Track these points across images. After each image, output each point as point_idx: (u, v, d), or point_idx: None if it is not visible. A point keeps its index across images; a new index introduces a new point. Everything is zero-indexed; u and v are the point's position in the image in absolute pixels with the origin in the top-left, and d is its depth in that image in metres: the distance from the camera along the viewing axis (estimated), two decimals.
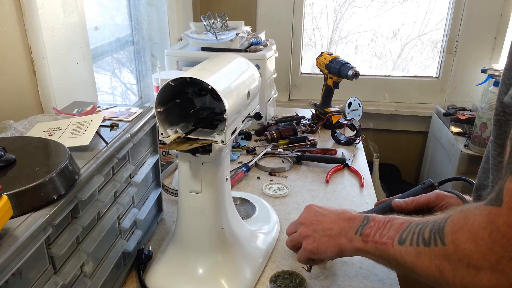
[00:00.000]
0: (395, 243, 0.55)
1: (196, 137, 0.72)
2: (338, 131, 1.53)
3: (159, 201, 1.01)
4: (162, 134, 0.72)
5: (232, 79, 0.76)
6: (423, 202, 0.77)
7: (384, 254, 0.57)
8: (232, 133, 0.75)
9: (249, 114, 0.84)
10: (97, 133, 0.75)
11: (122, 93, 1.78)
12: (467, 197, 0.76)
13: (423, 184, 0.82)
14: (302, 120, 1.65)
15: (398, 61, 2.33)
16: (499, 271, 0.40)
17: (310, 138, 1.48)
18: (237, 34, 1.48)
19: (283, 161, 1.37)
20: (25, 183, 0.53)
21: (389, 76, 2.28)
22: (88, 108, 0.90)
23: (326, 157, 1.36)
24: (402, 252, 0.53)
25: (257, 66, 1.14)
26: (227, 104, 0.67)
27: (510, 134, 0.44)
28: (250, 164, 1.30)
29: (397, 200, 0.78)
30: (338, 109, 1.65)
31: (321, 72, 1.67)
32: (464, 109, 2.00)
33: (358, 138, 1.51)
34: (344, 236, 0.66)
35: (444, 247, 0.46)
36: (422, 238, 0.50)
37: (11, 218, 0.48)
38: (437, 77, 2.23)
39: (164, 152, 1.25)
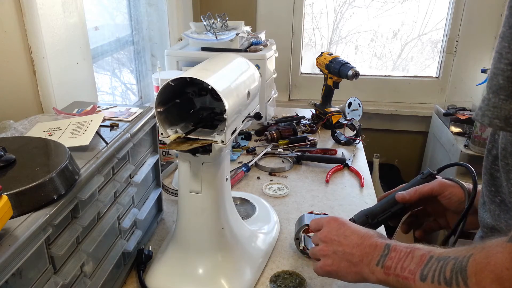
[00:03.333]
0: (416, 278, 0.53)
1: (196, 137, 0.72)
2: (338, 131, 1.53)
3: (159, 201, 1.01)
4: (162, 134, 0.72)
5: (232, 79, 0.76)
6: (426, 192, 0.76)
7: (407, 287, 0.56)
8: (232, 133, 0.75)
9: (249, 114, 0.84)
10: (97, 133, 0.75)
11: (122, 93, 1.78)
12: (466, 185, 0.75)
13: (422, 174, 0.81)
14: (302, 120, 1.65)
15: (398, 61, 2.33)
16: None
17: (310, 138, 1.48)
18: (237, 34, 1.48)
19: (283, 161, 1.37)
20: (25, 183, 0.53)
21: (389, 76, 2.28)
22: (88, 108, 0.90)
23: (326, 157, 1.36)
24: None
25: (257, 66, 1.14)
26: (227, 104, 0.67)
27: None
28: (250, 164, 1.30)
29: (401, 193, 0.77)
30: (338, 109, 1.65)
31: (321, 72, 1.67)
32: (464, 109, 2.00)
33: (358, 138, 1.51)
34: (366, 266, 0.64)
35: None
36: (444, 277, 0.48)
37: (11, 218, 0.48)
38: (437, 77, 2.23)
39: (164, 152, 1.25)
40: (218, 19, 1.57)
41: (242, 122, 0.81)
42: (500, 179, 0.56)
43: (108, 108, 0.91)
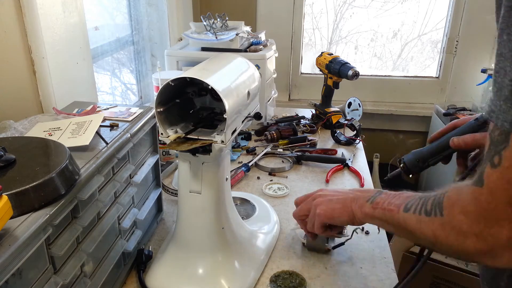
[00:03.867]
0: (400, 210, 0.63)
1: (196, 137, 0.72)
2: (338, 131, 1.53)
3: (159, 201, 1.01)
4: (162, 134, 0.72)
5: (232, 79, 0.76)
6: (484, 142, 0.76)
7: (390, 219, 0.66)
8: (232, 133, 0.75)
9: (249, 114, 0.84)
10: (97, 133, 0.75)
11: (122, 93, 1.78)
12: None
13: (477, 119, 0.76)
14: (302, 120, 1.65)
15: (398, 61, 2.33)
16: (482, 238, 0.50)
17: (310, 138, 1.48)
18: (237, 34, 1.48)
19: (283, 161, 1.37)
20: (25, 183, 0.53)
21: (389, 76, 2.28)
22: (88, 108, 0.90)
23: (326, 157, 1.36)
24: (406, 218, 0.62)
25: (257, 66, 1.14)
26: (227, 104, 0.67)
27: (489, 127, 0.51)
28: (250, 164, 1.30)
29: (456, 139, 0.77)
30: (338, 109, 1.65)
31: (321, 72, 1.67)
32: (464, 109, 2.00)
33: (358, 138, 1.51)
34: (355, 203, 0.74)
35: (442, 217, 0.55)
36: (425, 209, 0.58)
37: (11, 218, 0.48)
38: (437, 77, 2.23)
39: (164, 152, 1.25)
40: (218, 19, 1.57)
41: (242, 122, 0.81)
42: None
43: (108, 108, 0.91)
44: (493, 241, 0.49)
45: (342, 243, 0.93)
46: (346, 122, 1.55)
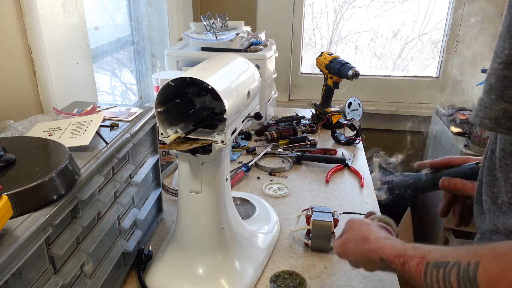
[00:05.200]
0: (422, 277, 0.49)
1: (196, 137, 0.72)
2: (338, 131, 1.53)
3: (159, 201, 1.01)
4: (162, 134, 0.72)
5: (232, 79, 0.76)
6: (471, 190, 0.70)
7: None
8: (232, 133, 0.75)
9: (249, 114, 0.84)
10: (97, 133, 0.75)
11: (122, 93, 1.78)
12: None
13: (471, 170, 0.72)
14: (302, 120, 1.65)
15: (398, 61, 2.33)
16: None
17: (310, 138, 1.48)
18: (237, 34, 1.48)
19: (283, 161, 1.37)
20: (25, 183, 0.53)
21: (389, 76, 2.28)
22: (88, 108, 0.90)
23: (326, 157, 1.36)
24: None
25: (257, 66, 1.14)
26: (227, 104, 0.67)
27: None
28: (250, 164, 1.30)
29: (446, 181, 0.72)
30: (338, 109, 1.65)
31: (321, 72, 1.67)
32: (464, 109, 2.00)
33: (358, 138, 1.51)
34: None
35: None
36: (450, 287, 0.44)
37: (11, 218, 0.48)
38: (437, 77, 2.23)
39: (164, 152, 1.25)
40: (218, 19, 1.57)
41: (242, 122, 0.81)
42: (501, 179, 0.56)
43: (108, 108, 0.91)
44: None
45: None
46: (346, 122, 1.55)
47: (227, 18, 1.59)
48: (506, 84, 0.38)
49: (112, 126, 0.81)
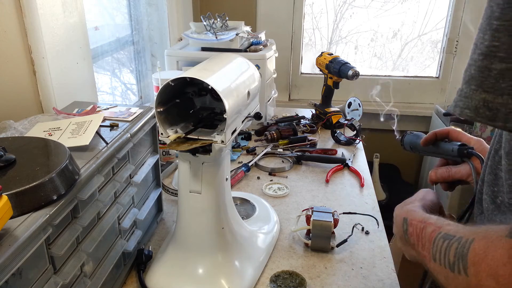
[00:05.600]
0: (430, 258, 0.52)
1: (196, 137, 0.72)
2: (338, 131, 1.53)
3: (159, 201, 1.01)
4: (162, 134, 0.72)
5: (232, 79, 0.76)
6: (458, 177, 0.74)
7: (428, 265, 0.55)
8: (232, 133, 0.75)
9: (249, 114, 0.84)
10: (97, 133, 0.75)
11: (122, 93, 1.78)
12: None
13: (459, 149, 0.74)
14: (302, 120, 1.65)
15: (398, 61, 2.33)
16: None
17: (310, 138, 1.48)
18: (237, 34, 1.48)
19: (283, 161, 1.37)
20: (25, 183, 0.53)
21: (389, 76, 2.28)
22: (88, 108, 0.90)
23: (326, 157, 1.36)
24: (436, 270, 0.51)
25: (257, 66, 1.14)
26: (227, 104, 0.67)
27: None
28: (250, 164, 1.30)
29: (433, 175, 0.77)
30: (338, 109, 1.65)
31: (321, 72, 1.67)
32: None
33: (358, 138, 1.51)
34: (404, 244, 0.63)
35: (467, 278, 0.44)
36: (448, 261, 0.48)
37: (11, 218, 0.48)
38: (437, 77, 2.23)
39: (164, 152, 1.25)
40: (218, 19, 1.57)
41: (242, 122, 0.81)
42: (502, 179, 0.56)
43: (108, 108, 0.91)
44: None
45: (345, 240, 0.93)
46: (346, 122, 1.55)
47: (227, 18, 1.59)
48: (486, 74, 0.39)
49: (112, 126, 0.81)
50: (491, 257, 0.40)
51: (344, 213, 1.04)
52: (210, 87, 0.67)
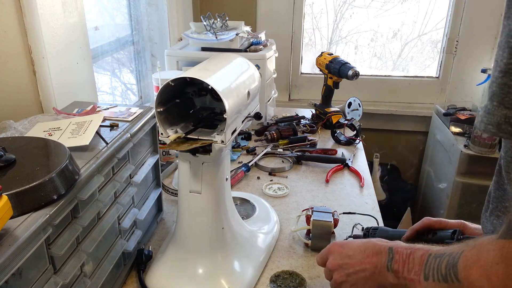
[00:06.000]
0: (421, 279, 0.55)
1: (196, 137, 0.72)
2: (338, 131, 1.53)
3: (159, 201, 1.01)
4: (162, 134, 0.72)
5: (232, 79, 0.76)
6: (420, 228, 0.77)
7: None
8: (232, 133, 0.75)
9: (249, 114, 0.84)
10: (97, 133, 0.75)
11: (122, 93, 1.78)
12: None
13: (452, 236, 0.74)
14: (302, 120, 1.65)
15: (398, 61, 2.33)
16: None
17: (310, 138, 1.48)
18: (237, 34, 1.48)
19: (283, 161, 1.37)
20: (25, 183, 0.53)
21: (389, 76, 2.28)
22: (88, 108, 0.90)
23: (326, 157, 1.36)
24: None
25: (257, 66, 1.14)
26: (227, 104, 0.67)
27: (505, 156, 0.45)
28: (250, 164, 1.30)
29: (408, 234, 0.78)
30: (338, 109, 1.65)
31: (321, 72, 1.67)
32: (464, 109, 2.00)
33: (358, 138, 1.51)
34: (379, 275, 0.65)
35: (459, 283, 0.45)
36: (441, 274, 0.50)
37: (11, 218, 0.49)
38: (437, 77, 2.23)
39: (164, 152, 1.25)
40: (218, 19, 1.57)
41: (242, 122, 0.81)
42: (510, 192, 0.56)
43: (108, 108, 0.91)
44: None
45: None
46: (346, 122, 1.55)
47: (227, 18, 1.59)
48: (506, 91, 0.41)
49: (112, 126, 0.81)
50: (483, 260, 0.42)
51: (344, 213, 1.04)
52: (210, 87, 0.67)
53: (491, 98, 0.42)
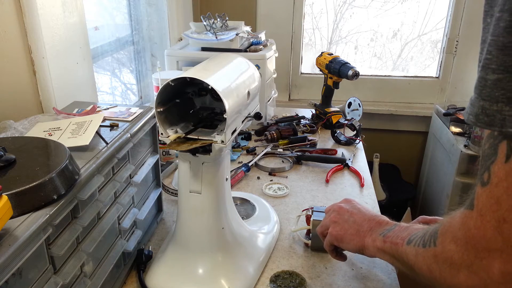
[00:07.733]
0: (404, 243, 0.59)
1: (196, 137, 0.72)
2: (338, 131, 1.53)
3: (159, 201, 1.01)
4: (162, 134, 0.72)
5: (232, 79, 0.76)
6: None
7: (396, 254, 0.61)
8: (232, 133, 0.75)
9: (249, 114, 0.84)
10: (97, 133, 0.75)
11: (122, 93, 1.78)
12: None
13: None
14: (302, 120, 1.65)
15: (398, 61, 2.33)
16: (473, 272, 0.44)
17: (310, 138, 1.48)
18: (237, 34, 1.48)
19: (283, 161, 1.37)
20: (25, 183, 0.53)
21: (389, 76, 2.28)
22: (88, 108, 0.90)
23: (326, 157, 1.36)
24: (407, 251, 0.58)
25: (257, 66, 1.14)
26: (227, 104, 0.67)
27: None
28: (250, 164, 1.30)
29: None
30: (338, 109, 1.65)
31: (321, 72, 1.67)
32: (464, 109, 1.99)
33: (358, 138, 1.51)
34: (370, 236, 0.70)
35: (435, 247, 0.50)
36: (423, 240, 0.54)
37: (11, 218, 0.48)
38: (437, 77, 2.23)
39: (164, 152, 1.25)
40: (218, 19, 1.57)
41: (242, 122, 0.81)
42: None
43: (108, 108, 0.91)
44: (485, 276, 0.42)
45: None
46: (346, 122, 1.55)
47: (227, 18, 1.59)
48: (483, 84, 0.44)
49: (112, 126, 0.81)
50: (452, 227, 0.48)
51: None
52: (210, 87, 0.67)
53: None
